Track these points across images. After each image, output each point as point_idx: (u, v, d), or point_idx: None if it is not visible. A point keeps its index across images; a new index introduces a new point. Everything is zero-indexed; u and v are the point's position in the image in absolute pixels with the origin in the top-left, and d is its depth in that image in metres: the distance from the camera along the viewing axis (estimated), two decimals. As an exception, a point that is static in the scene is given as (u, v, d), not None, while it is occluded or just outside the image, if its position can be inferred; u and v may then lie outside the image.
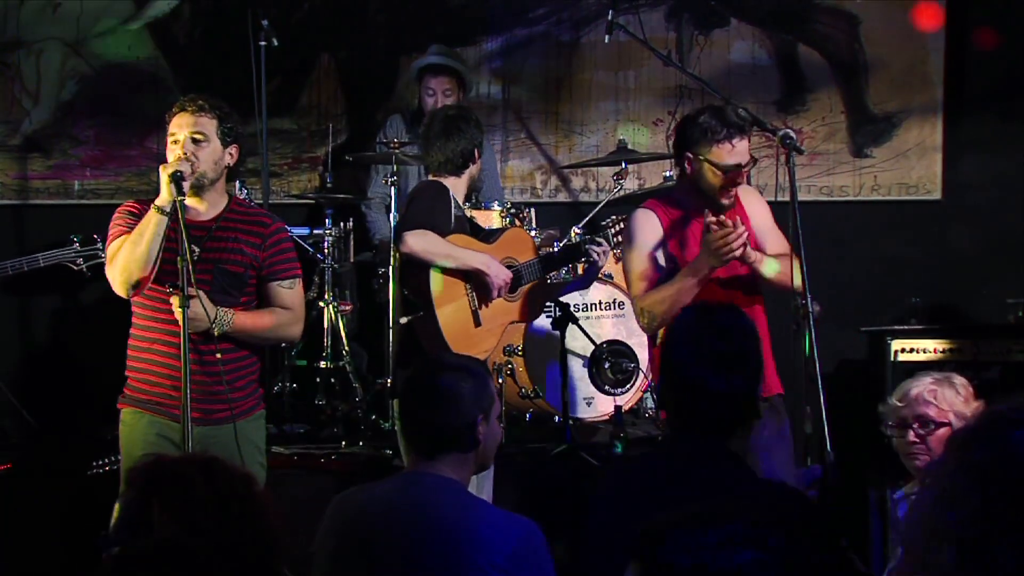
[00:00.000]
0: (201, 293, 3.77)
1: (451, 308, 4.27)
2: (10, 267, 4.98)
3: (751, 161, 4.24)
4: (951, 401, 3.53)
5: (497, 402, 3.08)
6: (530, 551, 2.83)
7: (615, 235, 4.78)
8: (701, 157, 4.17)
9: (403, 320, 4.27)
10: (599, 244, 4.64)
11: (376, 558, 2.85)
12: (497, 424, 3.07)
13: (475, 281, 4.38)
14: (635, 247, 4.27)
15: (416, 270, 4.26)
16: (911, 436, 3.55)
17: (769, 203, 4.48)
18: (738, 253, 4.04)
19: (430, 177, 4.54)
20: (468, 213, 4.73)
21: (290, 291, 4.06)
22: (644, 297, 4.20)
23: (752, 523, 1.56)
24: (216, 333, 3.83)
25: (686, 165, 4.23)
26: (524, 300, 4.65)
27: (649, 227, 4.27)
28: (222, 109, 3.97)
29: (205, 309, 3.75)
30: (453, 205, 4.42)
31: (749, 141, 4.24)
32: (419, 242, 4.21)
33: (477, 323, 4.38)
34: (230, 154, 4.00)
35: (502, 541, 2.80)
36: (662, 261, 4.24)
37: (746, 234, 4.07)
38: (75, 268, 4.95)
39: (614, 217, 4.93)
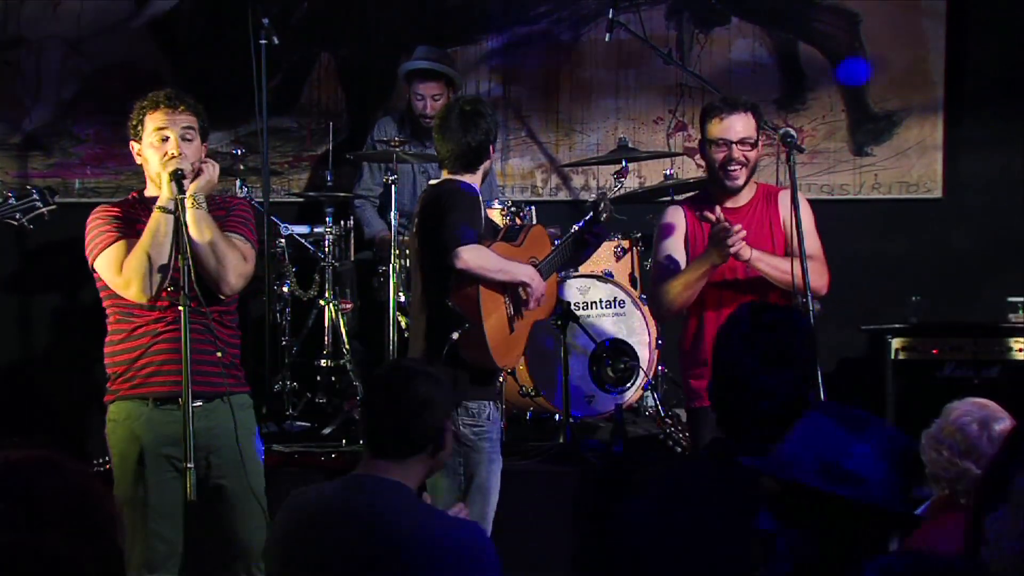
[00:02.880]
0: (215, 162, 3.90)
1: (494, 319, 4.21)
2: None
3: (750, 142, 4.31)
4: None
5: None
6: (476, 555, 2.89)
7: (612, 192, 4.69)
8: (704, 137, 4.36)
9: (454, 336, 4.17)
10: (598, 206, 4.56)
11: (323, 561, 2.88)
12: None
13: (512, 290, 4.30)
14: (658, 244, 4.50)
15: (466, 283, 4.15)
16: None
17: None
18: (735, 249, 4.15)
19: (445, 175, 4.35)
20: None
21: (240, 239, 3.89)
22: (656, 286, 4.41)
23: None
24: (190, 199, 3.75)
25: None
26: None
27: (672, 224, 4.47)
28: (197, 106, 3.97)
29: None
30: (483, 208, 4.31)
31: (755, 121, 4.36)
32: (475, 257, 4.10)
33: (511, 330, 4.31)
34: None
35: (451, 547, 2.86)
36: (681, 256, 4.41)
37: (743, 233, 4.16)
38: (15, 224, 4.37)
39: (610, 180, 4.81)
